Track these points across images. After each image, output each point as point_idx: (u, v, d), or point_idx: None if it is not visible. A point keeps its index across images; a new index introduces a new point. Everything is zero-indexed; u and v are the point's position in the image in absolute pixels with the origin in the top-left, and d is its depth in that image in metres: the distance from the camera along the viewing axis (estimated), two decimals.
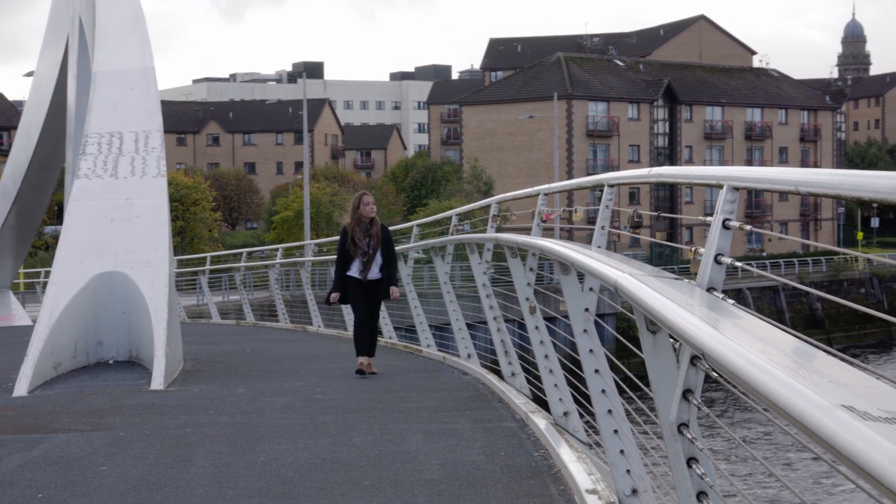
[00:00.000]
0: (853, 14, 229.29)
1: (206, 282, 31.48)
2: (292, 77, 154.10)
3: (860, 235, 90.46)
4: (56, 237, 35.63)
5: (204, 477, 7.07)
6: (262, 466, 7.37)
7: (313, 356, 15.70)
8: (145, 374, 12.22)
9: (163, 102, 15.71)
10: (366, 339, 12.40)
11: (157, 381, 11.56)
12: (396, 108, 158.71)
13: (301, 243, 29.44)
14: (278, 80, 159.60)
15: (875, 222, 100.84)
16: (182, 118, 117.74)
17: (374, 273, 12.38)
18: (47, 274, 22.05)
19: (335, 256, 12.74)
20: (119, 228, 13.40)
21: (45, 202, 27.48)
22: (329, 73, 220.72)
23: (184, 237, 66.43)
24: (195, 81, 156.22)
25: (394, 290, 12.53)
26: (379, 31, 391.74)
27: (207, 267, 31.95)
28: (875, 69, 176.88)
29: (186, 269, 36.24)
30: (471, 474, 7.03)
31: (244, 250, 31.62)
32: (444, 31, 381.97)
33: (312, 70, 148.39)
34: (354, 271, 12.36)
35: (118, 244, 13.26)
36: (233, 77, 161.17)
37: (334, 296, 12.45)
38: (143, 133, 14.19)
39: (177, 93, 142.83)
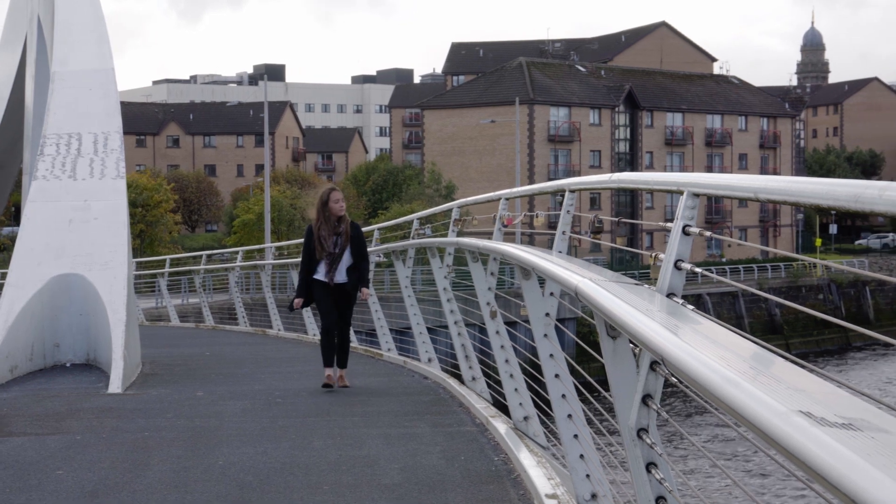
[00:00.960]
0: (812, 23, 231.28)
1: (166, 284, 31.30)
2: (253, 79, 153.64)
3: (819, 242, 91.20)
4: (13, 239, 35.33)
5: (162, 481, 7.02)
6: (221, 471, 7.33)
7: (273, 360, 15.64)
8: (103, 378, 12.13)
9: (122, 104, 15.59)
10: (334, 348, 11.42)
11: (115, 385, 11.48)
12: (358, 111, 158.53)
13: (261, 246, 29.33)
14: (239, 83, 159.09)
15: (833, 229, 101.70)
16: (142, 119, 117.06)
17: (342, 276, 11.32)
18: (4, 276, 21.86)
19: (299, 259, 11.88)
20: (77, 230, 13.30)
21: (1, 203, 27.23)
22: (290, 76, 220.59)
23: (143, 239, 66.04)
24: (155, 83, 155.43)
25: (364, 292, 11.54)
26: (339, 34, 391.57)
27: (167, 269, 31.77)
28: (833, 77, 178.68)
29: (145, 272, 36.03)
30: (431, 479, 7.03)
31: (204, 253, 31.48)
32: (406, 35, 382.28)
33: (274, 72, 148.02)
34: (321, 274, 11.31)
35: (76, 246, 13.17)
36: (193, 79, 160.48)
37: (297, 301, 11.42)
38: (102, 134, 14.09)
39: (136, 94, 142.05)
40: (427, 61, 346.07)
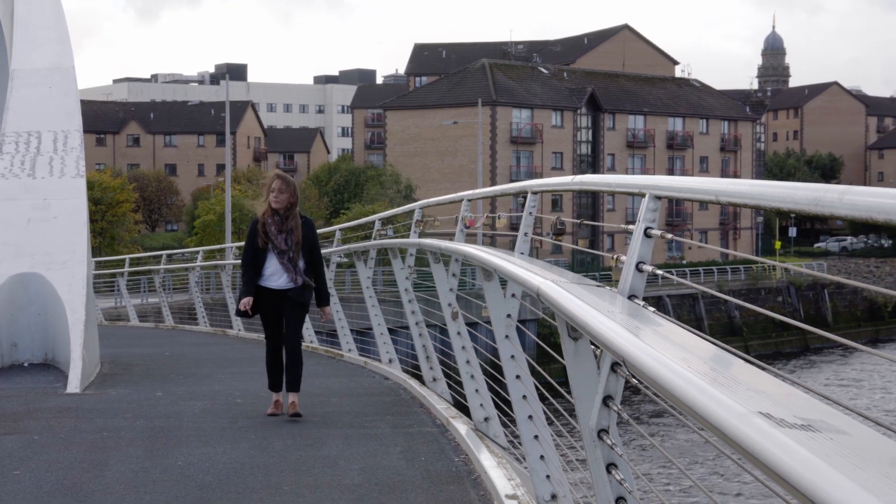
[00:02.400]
0: (773, 27, 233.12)
1: (125, 284, 31.11)
2: (215, 79, 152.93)
3: (778, 245, 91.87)
4: None
5: (120, 481, 6.98)
6: (180, 471, 7.29)
7: (233, 360, 15.58)
8: (61, 377, 12.04)
9: (82, 102, 15.51)
10: (282, 369, 9.60)
11: (74, 385, 11.39)
12: (320, 111, 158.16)
13: (221, 246, 29.19)
14: (200, 82, 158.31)
15: (793, 232, 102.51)
16: (102, 118, 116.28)
17: (295, 280, 9.39)
18: None
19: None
20: (36, 229, 13.19)
21: None
22: (252, 76, 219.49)
23: (103, 238, 65.64)
24: (116, 81, 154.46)
25: (326, 311, 9.86)
26: (300, 34, 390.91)
27: (126, 269, 31.58)
28: (794, 81, 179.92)
29: (105, 271, 35.78)
30: (391, 479, 7.03)
31: (164, 252, 31.31)
32: (368, 36, 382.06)
33: (235, 72, 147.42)
34: (267, 278, 9.40)
35: (35, 245, 13.05)
36: (154, 77, 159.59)
37: (245, 301, 9.33)
38: (61, 133, 13.99)
39: (97, 92, 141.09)
40: (390, 62, 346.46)
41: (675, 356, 2.55)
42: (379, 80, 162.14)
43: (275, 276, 9.42)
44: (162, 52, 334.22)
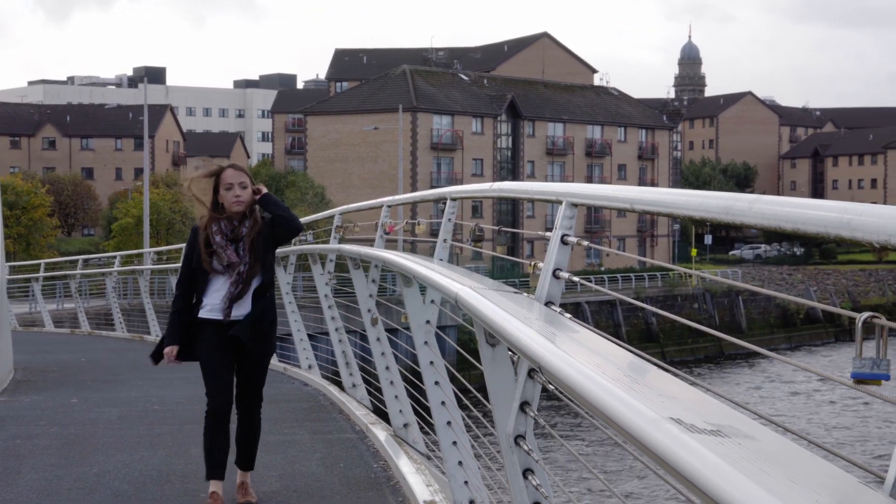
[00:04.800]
0: (689, 37, 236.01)
1: (40, 289, 30.62)
2: (133, 82, 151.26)
3: (694, 252, 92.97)
4: None
5: (33, 490, 6.88)
6: (95, 479, 7.21)
7: (150, 367, 15.37)
8: None
9: None
10: (227, 444, 6.55)
11: None
12: (240, 115, 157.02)
13: (140, 251, 28.84)
14: (118, 85, 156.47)
15: (708, 239, 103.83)
16: (16, 120, 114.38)
17: (246, 306, 6.50)
18: None
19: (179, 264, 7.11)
20: None
21: None
22: (171, 79, 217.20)
23: (19, 243, 64.53)
24: (31, 83, 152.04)
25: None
26: (216, 38, 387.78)
27: (41, 274, 31.08)
28: (710, 91, 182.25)
29: (19, 276, 35.18)
30: (309, 486, 7.01)
31: (80, 257, 30.87)
32: (288, 40, 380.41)
33: (154, 75, 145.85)
34: (211, 307, 6.52)
35: None
36: (70, 80, 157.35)
37: (169, 350, 6.68)
38: None
39: (11, 94, 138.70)
40: (310, 67, 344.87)
41: (590, 362, 2.59)
42: (299, 85, 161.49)
43: (223, 304, 6.49)
44: (77, 55, 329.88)
